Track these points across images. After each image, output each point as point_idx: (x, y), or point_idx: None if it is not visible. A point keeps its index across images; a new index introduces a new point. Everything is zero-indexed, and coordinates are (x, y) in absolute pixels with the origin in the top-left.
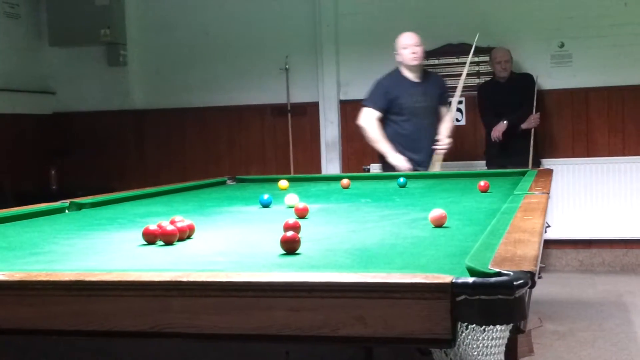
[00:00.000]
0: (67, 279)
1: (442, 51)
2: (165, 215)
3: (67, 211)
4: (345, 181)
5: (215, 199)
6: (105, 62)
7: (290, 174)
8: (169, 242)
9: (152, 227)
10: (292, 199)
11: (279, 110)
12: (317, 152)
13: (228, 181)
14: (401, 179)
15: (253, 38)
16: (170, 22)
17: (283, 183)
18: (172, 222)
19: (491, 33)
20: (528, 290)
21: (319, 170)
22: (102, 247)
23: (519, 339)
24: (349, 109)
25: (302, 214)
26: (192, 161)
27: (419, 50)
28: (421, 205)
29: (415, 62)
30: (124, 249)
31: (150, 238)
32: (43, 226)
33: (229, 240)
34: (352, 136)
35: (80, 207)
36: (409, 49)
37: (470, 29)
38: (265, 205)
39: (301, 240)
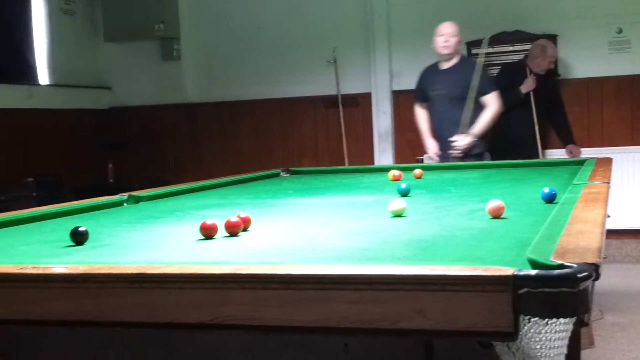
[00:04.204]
0: (129, 271)
1: (496, 39)
2: (221, 207)
3: (125, 204)
4: (417, 171)
5: (270, 191)
6: (160, 56)
7: (343, 165)
8: (233, 234)
9: (210, 221)
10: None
11: (331, 102)
12: (369, 143)
13: (282, 173)
14: (402, 185)
15: (304, 30)
16: (223, 16)
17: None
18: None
19: (547, 20)
20: (592, 282)
21: (371, 161)
22: (161, 239)
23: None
24: (401, 99)
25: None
26: (245, 153)
27: (452, 40)
28: (478, 196)
29: (444, 51)
30: (182, 241)
31: (207, 232)
32: (103, 219)
33: (286, 233)
34: (405, 127)
35: (138, 200)
36: (442, 37)
37: (525, 16)
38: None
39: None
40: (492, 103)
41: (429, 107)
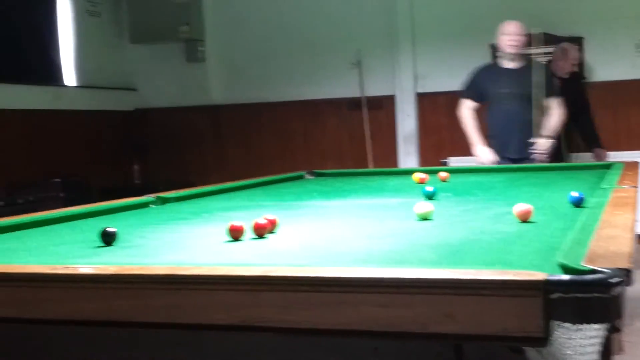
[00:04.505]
0: (160, 272)
1: None
2: (247, 209)
3: (152, 205)
4: (443, 174)
5: (295, 194)
6: (184, 58)
7: (367, 167)
8: (260, 235)
9: (237, 223)
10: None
11: (355, 104)
12: (393, 146)
13: (306, 175)
14: (429, 188)
15: (328, 32)
16: (247, 18)
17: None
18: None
19: (573, 22)
20: (624, 288)
21: (395, 164)
22: (190, 241)
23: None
24: (426, 102)
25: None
26: (269, 155)
27: (520, 39)
28: (504, 200)
29: (511, 50)
30: (210, 242)
31: (235, 234)
32: (131, 220)
33: (312, 235)
34: (429, 129)
35: (164, 201)
36: (508, 36)
37: (551, 18)
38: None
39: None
40: (559, 107)
41: (478, 108)
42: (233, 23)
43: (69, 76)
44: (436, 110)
